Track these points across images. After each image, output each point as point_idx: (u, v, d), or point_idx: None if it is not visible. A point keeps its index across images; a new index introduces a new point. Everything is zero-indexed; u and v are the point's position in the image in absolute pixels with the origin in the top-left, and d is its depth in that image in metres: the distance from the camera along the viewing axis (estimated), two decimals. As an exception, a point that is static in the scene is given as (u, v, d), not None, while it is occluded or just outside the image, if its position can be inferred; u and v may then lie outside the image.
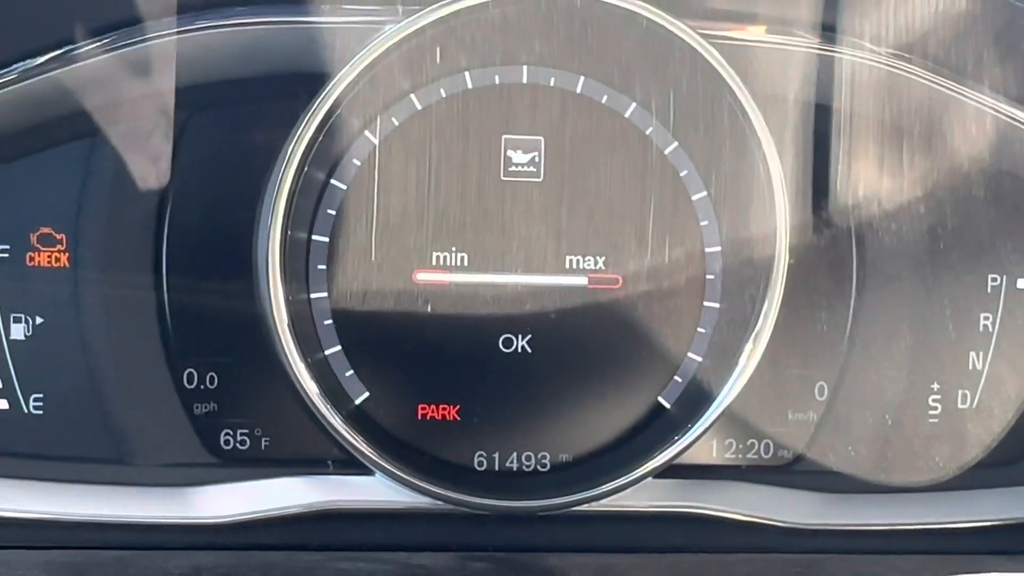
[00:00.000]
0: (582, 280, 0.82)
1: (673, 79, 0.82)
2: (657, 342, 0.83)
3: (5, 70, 0.78)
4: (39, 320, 0.81)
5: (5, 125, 0.79)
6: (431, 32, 0.79)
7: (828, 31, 0.84)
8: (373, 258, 0.81)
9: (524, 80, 0.82)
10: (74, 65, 0.78)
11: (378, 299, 0.81)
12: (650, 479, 0.82)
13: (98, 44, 0.78)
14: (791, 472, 0.86)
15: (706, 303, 0.84)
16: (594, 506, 0.81)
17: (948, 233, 0.86)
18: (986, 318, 0.87)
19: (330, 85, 0.78)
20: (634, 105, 0.82)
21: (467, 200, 0.81)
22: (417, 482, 0.80)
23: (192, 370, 0.82)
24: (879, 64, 0.83)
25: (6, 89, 0.78)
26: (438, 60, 0.80)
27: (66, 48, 0.78)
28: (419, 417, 0.83)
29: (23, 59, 0.78)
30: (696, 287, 0.83)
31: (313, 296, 0.81)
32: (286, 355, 0.79)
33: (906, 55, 0.84)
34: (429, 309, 0.82)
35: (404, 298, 0.81)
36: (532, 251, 0.82)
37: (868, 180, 0.85)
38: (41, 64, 0.78)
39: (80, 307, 0.80)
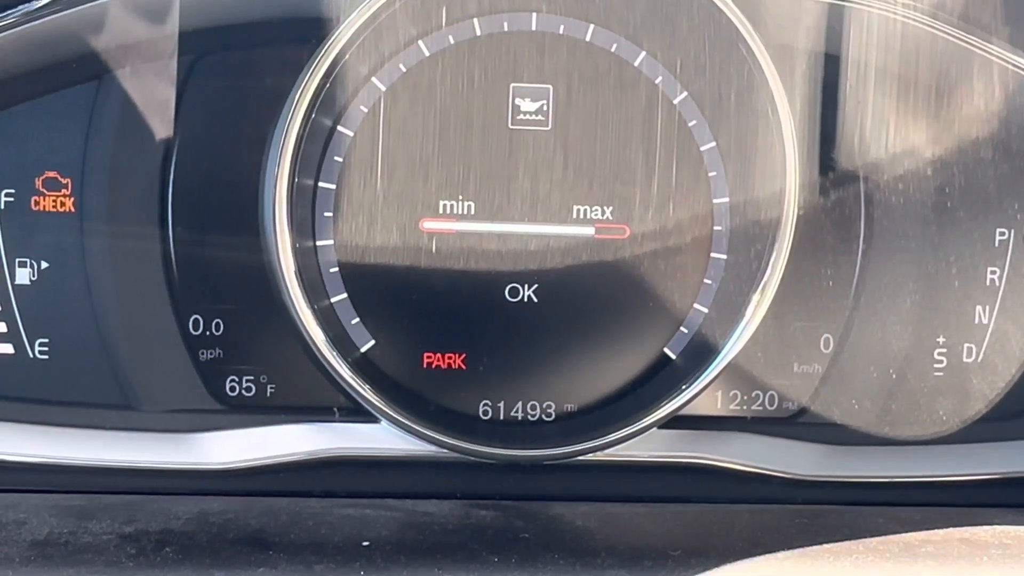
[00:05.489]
0: (589, 230, 0.82)
1: (683, 28, 0.81)
2: (663, 293, 0.83)
3: (6, 13, 0.77)
4: (44, 265, 0.80)
5: (8, 68, 0.79)
6: (440, -23, 0.78)
7: (840, -20, 0.83)
8: (379, 206, 0.81)
9: (533, 28, 0.81)
10: (76, 8, 0.77)
11: (384, 247, 0.81)
12: (655, 429, 0.82)
13: (100, -14, 0.78)
14: (795, 424, 0.86)
15: (713, 254, 0.83)
16: (599, 456, 0.82)
17: (957, 186, 0.85)
18: (993, 272, 0.87)
19: (338, 30, 0.77)
20: (643, 54, 0.82)
21: (474, 148, 0.81)
22: (422, 430, 0.80)
23: (198, 316, 0.82)
24: (891, 15, 0.83)
25: (8, 32, 0.77)
26: (446, 6, 0.80)
27: (67, -10, 0.78)
28: (424, 365, 0.83)
29: (24, 2, 0.77)
30: (703, 238, 0.83)
31: (319, 243, 0.81)
32: (292, 302, 0.78)
33: (919, 6, 0.83)
34: (435, 257, 0.81)
35: (410, 246, 0.81)
36: (539, 200, 0.81)
37: (878, 132, 0.84)
38: (42, 7, 0.77)
39: (86, 252, 0.80)
